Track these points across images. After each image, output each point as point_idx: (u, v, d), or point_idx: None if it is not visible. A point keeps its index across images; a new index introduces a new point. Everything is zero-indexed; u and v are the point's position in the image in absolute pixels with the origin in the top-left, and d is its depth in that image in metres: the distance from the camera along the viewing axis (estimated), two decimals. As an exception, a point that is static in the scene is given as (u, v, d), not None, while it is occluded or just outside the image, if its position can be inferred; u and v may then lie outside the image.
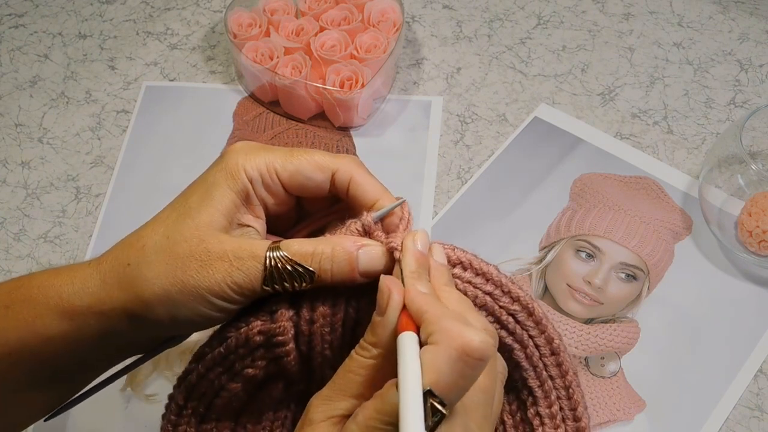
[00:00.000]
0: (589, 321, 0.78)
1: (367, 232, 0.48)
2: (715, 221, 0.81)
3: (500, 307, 0.49)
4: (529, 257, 0.82)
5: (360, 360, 0.43)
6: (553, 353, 0.50)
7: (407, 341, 0.41)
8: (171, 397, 0.51)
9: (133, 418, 0.75)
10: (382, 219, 0.49)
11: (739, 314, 0.77)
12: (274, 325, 0.47)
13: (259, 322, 0.47)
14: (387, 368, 0.42)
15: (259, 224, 0.49)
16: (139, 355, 0.52)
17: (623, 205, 0.84)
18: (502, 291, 0.49)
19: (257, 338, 0.47)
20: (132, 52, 1.02)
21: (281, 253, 0.45)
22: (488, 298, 0.49)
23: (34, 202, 0.90)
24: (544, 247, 0.82)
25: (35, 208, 0.90)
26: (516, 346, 0.50)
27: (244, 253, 0.46)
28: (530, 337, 0.50)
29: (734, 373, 0.74)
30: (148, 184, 0.91)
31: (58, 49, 1.03)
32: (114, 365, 0.52)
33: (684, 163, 0.87)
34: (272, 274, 0.45)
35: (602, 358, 0.76)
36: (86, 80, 1.00)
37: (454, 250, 0.50)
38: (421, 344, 0.41)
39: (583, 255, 0.81)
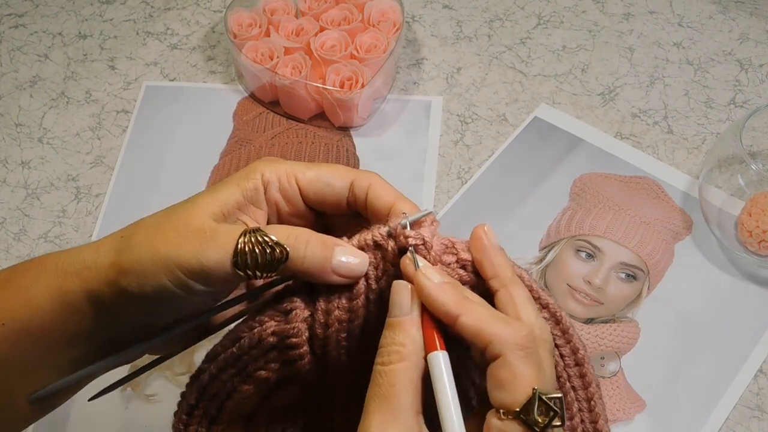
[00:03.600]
0: (589, 321, 0.78)
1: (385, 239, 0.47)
2: (715, 221, 0.81)
3: None
4: (529, 257, 0.82)
5: (397, 368, 0.43)
6: (577, 364, 0.49)
7: (437, 363, 0.42)
8: (183, 395, 0.50)
9: (133, 418, 0.75)
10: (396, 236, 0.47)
11: (739, 314, 0.77)
12: (288, 326, 0.47)
13: (273, 323, 0.47)
14: (424, 365, 0.43)
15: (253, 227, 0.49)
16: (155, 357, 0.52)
17: (623, 205, 0.84)
18: (532, 296, 0.48)
19: (270, 339, 0.47)
20: (132, 52, 1.02)
21: (256, 233, 0.45)
22: None
23: (34, 202, 0.90)
24: (544, 247, 0.82)
25: (35, 208, 0.90)
26: None
27: (222, 229, 0.46)
28: (556, 346, 0.49)
29: (734, 373, 0.74)
30: (148, 184, 0.91)
31: (58, 49, 1.03)
32: (103, 365, 0.51)
33: (684, 163, 0.87)
34: (244, 250, 0.45)
35: (602, 358, 0.76)
36: (86, 80, 1.00)
37: None
38: (476, 357, 0.43)
39: (583, 255, 0.81)
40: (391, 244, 0.46)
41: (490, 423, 0.41)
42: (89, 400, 0.53)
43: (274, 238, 0.45)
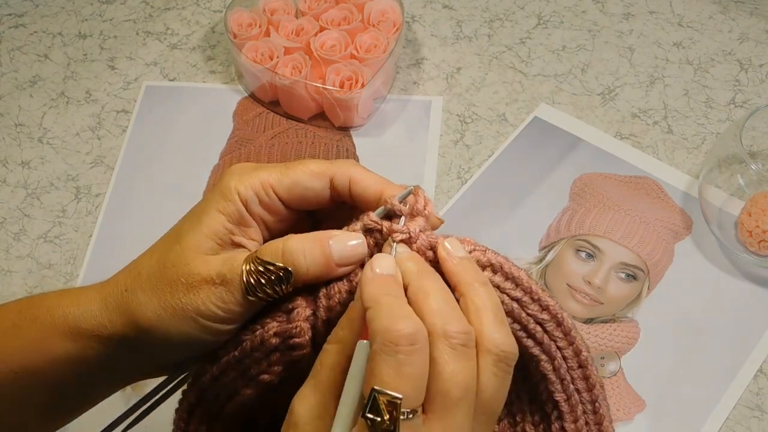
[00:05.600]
0: (589, 321, 0.78)
1: (376, 229, 0.47)
2: (715, 221, 0.81)
3: (528, 314, 0.47)
4: (529, 257, 0.82)
5: (329, 348, 0.43)
6: (580, 366, 0.48)
7: (357, 352, 0.42)
8: (184, 394, 0.50)
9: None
10: (390, 216, 0.47)
11: (739, 314, 0.77)
12: (291, 326, 0.46)
13: (275, 323, 0.46)
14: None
15: (254, 245, 0.48)
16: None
17: (623, 205, 0.84)
18: (531, 298, 0.47)
19: (273, 340, 0.46)
20: (132, 52, 1.02)
21: (255, 261, 0.45)
22: (515, 305, 0.47)
23: (34, 202, 0.90)
24: (544, 247, 0.82)
25: (35, 208, 0.90)
26: (543, 357, 0.48)
27: (225, 268, 0.46)
28: (558, 348, 0.48)
29: (734, 373, 0.74)
30: (148, 184, 0.91)
31: (58, 49, 1.03)
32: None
33: (684, 163, 0.87)
34: (250, 282, 0.45)
35: (602, 357, 0.76)
36: (86, 80, 1.00)
37: (485, 252, 0.48)
38: None
39: (583, 255, 0.81)
40: (386, 225, 0.46)
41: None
42: None
43: (271, 263, 0.45)
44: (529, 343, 0.47)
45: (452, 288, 0.45)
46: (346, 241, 0.46)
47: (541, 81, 0.95)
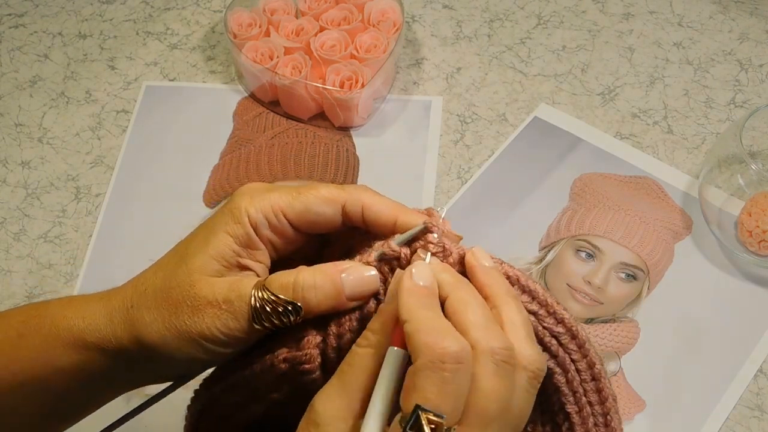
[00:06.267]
0: (589, 321, 0.78)
1: (395, 258, 0.46)
2: (715, 221, 0.81)
3: (544, 327, 0.47)
4: (529, 257, 0.82)
5: (360, 352, 0.43)
6: (593, 378, 0.48)
7: (387, 358, 0.42)
8: (197, 393, 0.50)
9: (134, 418, 0.75)
10: (410, 242, 0.46)
11: (739, 314, 0.77)
12: (300, 353, 0.46)
13: (284, 350, 0.46)
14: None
15: (260, 268, 0.48)
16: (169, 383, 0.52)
17: (623, 205, 0.84)
18: (547, 311, 0.47)
19: (282, 366, 0.46)
20: (132, 52, 1.02)
21: (264, 291, 0.45)
22: (532, 318, 0.47)
23: (34, 202, 0.90)
24: (544, 247, 0.82)
25: (35, 208, 0.90)
26: (558, 370, 0.47)
27: (233, 294, 0.45)
28: (572, 361, 0.48)
29: (734, 373, 0.74)
30: (148, 184, 0.91)
31: (58, 49, 1.03)
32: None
33: (684, 163, 0.87)
34: (258, 313, 0.45)
35: (602, 357, 0.75)
36: (86, 80, 1.00)
37: (501, 264, 0.48)
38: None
39: (583, 255, 0.81)
40: (405, 251, 0.46)
41: (395, 422, 0.41)
42: None
43: (282, 297, 0.45)
44: (544, 356, 0.47)
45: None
46: (359, 275, 0.45)
47: (541, 81, 0.95)
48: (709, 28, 0.98)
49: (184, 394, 0.51)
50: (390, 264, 0.46)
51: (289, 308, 0.45)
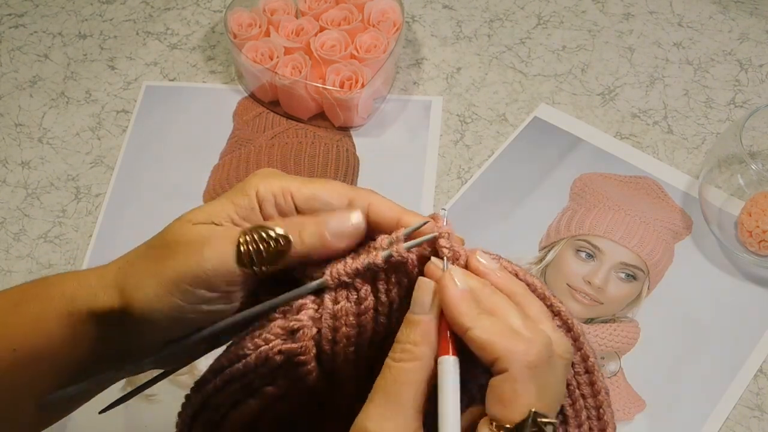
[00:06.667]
0: (589, 321, 0.78)
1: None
2: (715, 221, 0.81)
3: None
4: (529, 257, 0.82)
5: (407, 366, 0.43)
6: (587, 371, 0.49)
7: (446, 368, 0.42)
8: (188, 398, 0.50)
9: (133, 418, 0.75)
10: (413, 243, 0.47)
11: (739, 314, 0.77)
12: (296, 345, 0.46)
13: (279, 341, 0.46)
14: (434, 367, 0.43)
15: None
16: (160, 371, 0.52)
17: (623, 205, 0.84)
18: (545, 304, 0.48)
19: (278, 358, 0.46)
20: (132, 52, 1.02)
21: (254, 230, 0.46)
22: None
23: (34, 202, 0.90)
24: (544, 247, 0.82)
25: (35, 208, 0.90)
26: None
27: (218, 233, 0.46)
28: None
29: (734, 373, 0.74)
30: (148, 184, 0.91)
31: (58, 49, 1.03)
32: (108, 386, 0.52)
33: (684, 163, 0.87)
34: (247, 250, 0.45)
35: (602, 358, 0.76)
36: (86, 80, 1.00)
37: (499, 260, 0.48)
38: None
39: (583, 255, 0.81)
40: (411, 256, 0.46)
41: (480, 431, 0.41)
42: (99, 412, 0.53)
43: (275, 231, 0.46)
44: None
45: None
46: (342, 216, 0.47)
47: (541, 81, 0.95)
48: (709, 28, 0.98)
49: (183, 394, 0.51)
50: (395, 267, 0.46)
51: (281, 241, 0.45)
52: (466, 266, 0.46)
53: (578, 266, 0.80)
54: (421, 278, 0.45)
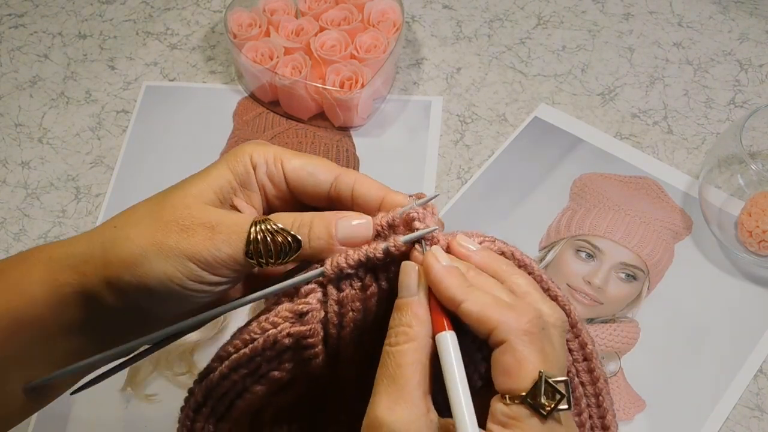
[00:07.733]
0: (589, 321, 0.78)
1: (391, 227, 0.47)
2: (715, 221, 0.81)
3: None
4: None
5: (404, 348, 0.43)
6: (585, 358, 0.49)
7: (445, 343, 0.42)
8: (191, 392, 0.50)
9: (133, 418, 0.75)
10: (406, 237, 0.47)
11: (739, 314, 0.77)
12: (305, 328, 0.46)
13: (287, 324, 0.47)
14: (432, 346, 0.43)
15: (251, 212, 0.49)
16: (147, 346, 0.51)
17: (623, 205, 0.84)
18: (541, 286, 0.48)
19: (286, 341, 0.47)
20: (132, 52, 1.02)
21: (266, 223, 0.46)
22: None
23: (34, 202, 0.90)
24: (544, 247, 0.82)
25: (35, 208, 0.90)
26: None
27: (230, 220, 0.46)
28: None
29: (734, 373, 0.74)
30: (148, 184, 0.91)
31: (58, 49, 1.03)
32: (97, 367, 0.51)
33: (684, 163, 0.87)
34: (255, 243, 0.46)
35: (602, 358, 0.75)
36: (86, 80, 1.00)
37: (494, 242, 0.49)
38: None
39: (583, 255, 0.81)
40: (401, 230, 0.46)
41: (495, 408, 0.41)
42: (71, 393, 0.52)
43: (284, 228, 0.46)
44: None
45: None
46: (354, 223, 0.47)
47: (541, 81, 0.95)
48: (709, 28, 0.98)
49: (183, 394, 0.51)
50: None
51: (289, 239, 0.46)
52: (448, 250, 0.46)
53: (578, 266, 0.80)
54: (404, 262, 0.45)
